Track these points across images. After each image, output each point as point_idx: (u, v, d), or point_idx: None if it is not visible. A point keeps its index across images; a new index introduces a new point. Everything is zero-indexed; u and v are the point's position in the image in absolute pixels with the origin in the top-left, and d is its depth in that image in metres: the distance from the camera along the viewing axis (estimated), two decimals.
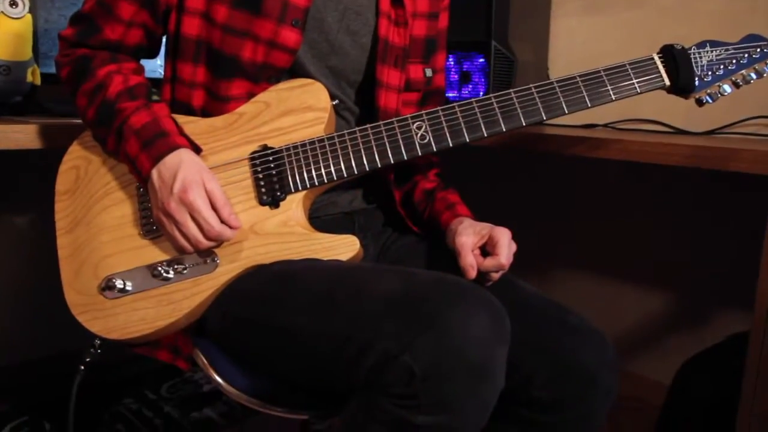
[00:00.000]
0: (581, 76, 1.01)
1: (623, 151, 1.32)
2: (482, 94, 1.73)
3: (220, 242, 0.96)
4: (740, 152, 1.16)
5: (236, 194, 0.99)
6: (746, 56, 1.03)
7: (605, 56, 1.27)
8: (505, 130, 1.00)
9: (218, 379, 0.99)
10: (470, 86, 1.78)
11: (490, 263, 0.98)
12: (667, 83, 1.03)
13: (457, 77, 1.79)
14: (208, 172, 0.95)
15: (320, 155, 1.00)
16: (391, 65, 1.08)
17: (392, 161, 1.00)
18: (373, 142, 1.00)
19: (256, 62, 1.00)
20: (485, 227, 1.02)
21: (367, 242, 1.10)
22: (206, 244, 0.94)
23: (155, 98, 1.03)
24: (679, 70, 1.02)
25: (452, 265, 1.00)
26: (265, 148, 1.01)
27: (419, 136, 1.00)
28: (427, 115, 1.00)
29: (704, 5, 1.75)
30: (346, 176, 1.00)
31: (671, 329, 1.92)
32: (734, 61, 1.03)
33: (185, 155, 0.95)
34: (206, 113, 1.04)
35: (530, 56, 1.93)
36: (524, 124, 1.00)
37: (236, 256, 0.97)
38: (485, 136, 1.00)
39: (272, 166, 1.00)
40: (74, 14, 1.05)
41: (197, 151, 0.99)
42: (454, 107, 1.00)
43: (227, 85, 1.02)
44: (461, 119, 1.00)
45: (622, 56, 1.05)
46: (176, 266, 0.98)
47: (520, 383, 0.92)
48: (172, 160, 0.94)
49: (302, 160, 1.00)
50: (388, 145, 1.00)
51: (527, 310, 0.97)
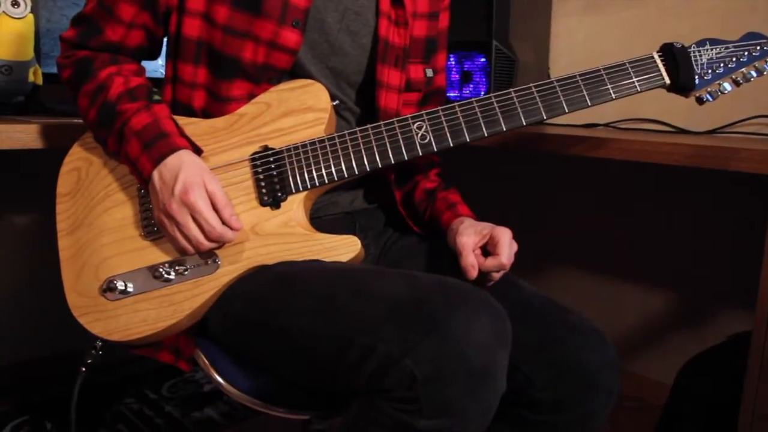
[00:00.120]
0: (581, 75, 1.01)
1: (624, 150, 1.32)
2: (483, 93, 1.73)
3: (221, 243, 0.96)
4: (741, 151, 1.16)
5: (237, 195, 0.99)
6: (746, 54, 1.03)
7: (606, 55, 1.27)
8: (505, 129, 1.00)
9: (219, 379, 0.99)
10: (471, 86, 1.78)
11: (491, 263, 0.98)
12: (667, 82, 1.03)
13: (458, 77, 1.79)
14: (209, 173, 0.95)
15: (321, 156, 1.00)
16: (391, 65, 1.08)
17: (393, 161, 1.00)
18: (373, 142, 1.00)
19: (256, 63, 1.01)
20: (486, 227, 1.02)
21: (368, 242, 1.10)
22: (207, 245, 0.94)
23: (157, 98, 1.03)
24: (679, 68, 1.02)
25: (453, 265, 1.00)
26: (265, 148, 1.01)
27: (420, 136, 1.00)
28: (427, 115, 1.00)
29: (704, 3, 1.75)
30: (346, 176, 1.00)
31: (672, 329, 1.92)
32: (734, 59, 1.03)
33: (186, 156, 0.95)
34: (207, 114, 1.04)
35: (531, 56, 1.92)
36: (524, 123, 1.00)
37: (237, 257, 0.97)
38: (486, 135, 1.00)
39: (273, 166, 1.00)
40: (75, 16, 1.05)
41: (198, 152, 0.99)
42: (454, 107, 1.00)
43: (228, 85, 1.02)
44: (462, 119, 1.00)
45: (622, 55, 1.05)
46: (177, 267, 0.98)
47: (520, 384, 0.92)
48: (173, 161, 0.94)
49: (303, 160, 1.00)
50: (388, 145, 1.00)
51: (528, 310, 0.97)
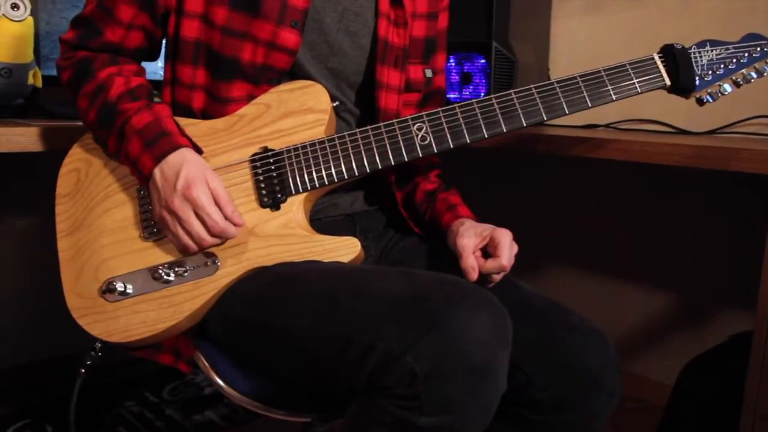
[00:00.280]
0: (582, 76, 1.01)
1: (624, 151, 1.32)
2: (483, 95, 1.73)
3: (223, 240, 0.96)
4: (741, 152, 1.16)
5: (237, 196, 0.99)
6: (746, 55, 1.03)
7: (606, 56, 1.27)
8: (505, 130, 1.00)
9: (220, 381, 0.99)
10: (471, 87, 1.78)
11: (491, 265, 0.98)
12: (667, 83, 1.03)
13: (457, 78, 1.79)
14: (210, 170, 0.95)
15: (321, 157, 1.00)
16: (391, 66, 1.08)
17: (393, 162, 1.00)
18: (373, 143, 1.00)
19: (255, 64, 1.00)
20: (486, 228, 1.02)
21: (368, 244, 1.10)
22: (210, 241, 0.94)
23: (156, 100, 1.03)
24: (679, 69, 1.02)
25: (453, 266, 1.00)
26: (265, 150, 1.01)
27: (420, 137, 1.00)
28: (427, 116, 1.00)
29: (705, 4, 1.75)
30: (346, 178, 1.00)
31: (673, 329, 1.92)
32: (734, 60, 1.03)
33: (188, 154, 0.95)
34: (207, 115, 1.04)
35: (531, 57, 1.92)
36: (525, 124, 1.00)
37: (237, 258, 0.97)
38: (486, 137, 1.00)
39: (273, 168, 1.00)
40: (75, 17, 1.05)
41: (198, 152, 0.99)
42: (454, 108, 1.00)
43: (227, 87, 1.02)
44: (462, 120, 1.00)
45: (622, 56, 1.05)
46: (177, 269, 0.98)
47: (522, 384, 0.92)
48: (174, 158, 0.94)
49: (303, 162, 1.00)
50: (388, 146, 1.00)
51: (529, 311, 0.97)
